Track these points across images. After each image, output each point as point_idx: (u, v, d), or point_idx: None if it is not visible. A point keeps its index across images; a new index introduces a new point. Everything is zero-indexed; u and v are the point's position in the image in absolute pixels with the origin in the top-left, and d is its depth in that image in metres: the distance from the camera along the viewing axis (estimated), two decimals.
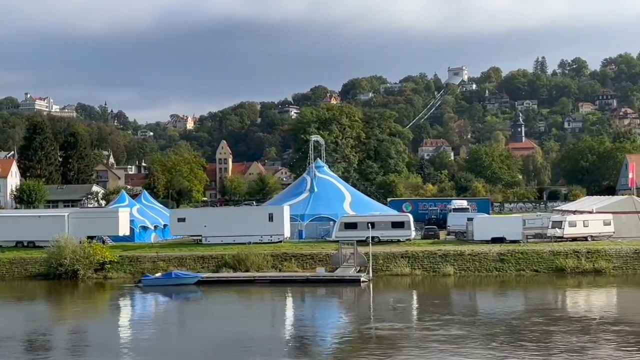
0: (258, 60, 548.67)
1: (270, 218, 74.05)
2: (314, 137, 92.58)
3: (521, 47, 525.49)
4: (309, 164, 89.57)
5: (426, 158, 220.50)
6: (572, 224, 71.45)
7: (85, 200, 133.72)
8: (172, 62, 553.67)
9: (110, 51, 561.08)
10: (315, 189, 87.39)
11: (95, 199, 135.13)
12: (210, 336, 42.97)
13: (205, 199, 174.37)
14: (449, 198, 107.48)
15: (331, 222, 77.21)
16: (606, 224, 72.32)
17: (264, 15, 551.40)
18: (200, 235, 74.41)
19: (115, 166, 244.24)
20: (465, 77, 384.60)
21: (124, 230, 75.54)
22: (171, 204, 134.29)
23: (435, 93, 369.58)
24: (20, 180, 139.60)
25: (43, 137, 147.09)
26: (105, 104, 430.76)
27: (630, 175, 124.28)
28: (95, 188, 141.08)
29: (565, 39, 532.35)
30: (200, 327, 45.58)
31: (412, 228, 73.38)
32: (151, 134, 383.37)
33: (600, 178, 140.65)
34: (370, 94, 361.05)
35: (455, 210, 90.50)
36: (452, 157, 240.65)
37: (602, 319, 45.37)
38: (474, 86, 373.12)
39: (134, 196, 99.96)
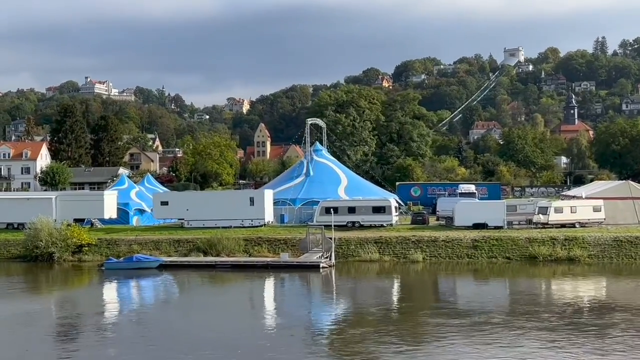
0: (316, 43, 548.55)
1: (252, 202, 73.58)
2: (310, 120, 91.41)
3: (584, 28, 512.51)
4: (303, 145, 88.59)
5: (466, 141, 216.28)
6: (559, 210, 68.90)
7: (111, 183, 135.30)
8: (235, 46, 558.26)
9: (175, 36, 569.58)
10: (311, 173, 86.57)
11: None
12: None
13: (243, 181, 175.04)
14: (457, 182, 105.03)
15: (314, 207, 76.14)
16: (596, 210, 69.51)
17: None
18: (183, 219, 74.47)
19: (161, 149, 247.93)
20: (522, 58, 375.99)
21: (110, 212, 76.03)
22: (193, 186, 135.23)
23: (490, 74, 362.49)
24: (51, 162, 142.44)
25: (73, 120, 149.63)
26: (163, 88, 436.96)
27: None
28: (121, 170, 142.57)
29: (630, 18, 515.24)
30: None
31: (394, 213, 71.79)
32: (207, 117, 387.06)
33: (632, 162, 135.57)
34: (423, 76, 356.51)
35: (462, 195, 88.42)
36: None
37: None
38: (531, 67, 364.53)
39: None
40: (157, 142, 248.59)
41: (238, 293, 54.56)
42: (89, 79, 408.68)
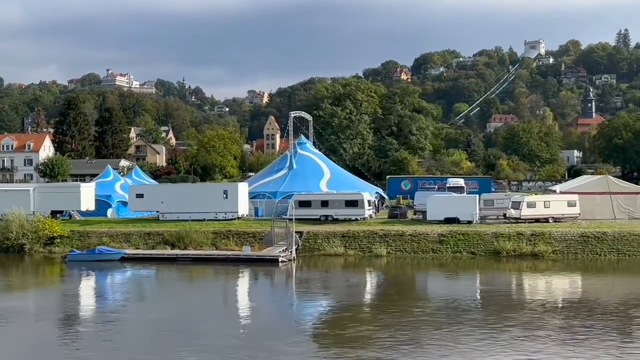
0: (336, 36, 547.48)
1: (225, 195, 73.46)
2: (294, 113, 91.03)
3: (607, 21, 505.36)
4: (287, 139, 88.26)
5: (483, 134, 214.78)
6: (531, 205, 68.00)
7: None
8: (257, 39, 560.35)
9: (198, 29, 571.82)
10: (294, 166, 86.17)
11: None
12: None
13: (251, 173, 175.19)
14: (446, 176, 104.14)
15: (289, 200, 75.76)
16: (571, 205, 68.55)
17: None
18: (158, 211, 74.61)
19: (174, 141, 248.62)
20: (542, 51, 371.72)
21: (87, 205, 76.28)
22: (192, 179, 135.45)
23: (510, 67, 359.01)
24: (54, 154, 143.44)
25: (77, 112, 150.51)
26: (183, 80, 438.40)
27: None
28: (123, 163, 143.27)
29: None
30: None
31: (367, 207, 71.29)
32: (227, 109, 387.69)
33: (635, 156, 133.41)
34: (442, 69, 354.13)
35: (450, 189, 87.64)
36: None
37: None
38: (551, 60, 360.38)
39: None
40: (171, 135, 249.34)
41: (182, 287, 54.36)
42: (110, 72, 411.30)
